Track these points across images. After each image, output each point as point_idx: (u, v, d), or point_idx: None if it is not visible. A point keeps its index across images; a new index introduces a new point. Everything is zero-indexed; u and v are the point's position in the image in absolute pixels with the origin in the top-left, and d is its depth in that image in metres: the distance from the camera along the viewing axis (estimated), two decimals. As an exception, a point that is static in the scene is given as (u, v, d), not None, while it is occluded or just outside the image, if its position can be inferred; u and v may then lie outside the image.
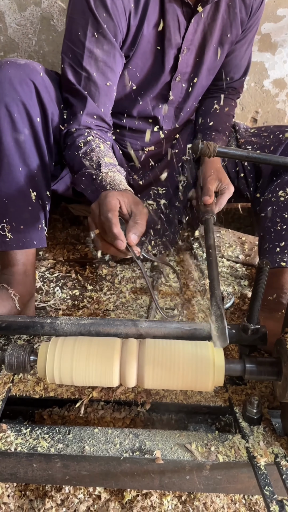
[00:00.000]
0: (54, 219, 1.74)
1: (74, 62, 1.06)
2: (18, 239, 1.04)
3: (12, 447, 0.75)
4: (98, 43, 1.04)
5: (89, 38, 1.03)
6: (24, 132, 1.01)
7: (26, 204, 1.04)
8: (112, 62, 1.08)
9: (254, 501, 0.90)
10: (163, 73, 1.19)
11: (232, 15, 1.18)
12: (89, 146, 1.04)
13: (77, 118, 1.09)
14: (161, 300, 1.26)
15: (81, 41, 1.04)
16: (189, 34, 1.14)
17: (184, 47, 1.16)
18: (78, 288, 1.31)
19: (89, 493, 0.88)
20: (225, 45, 1.23)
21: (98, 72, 1.07)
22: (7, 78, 0.97)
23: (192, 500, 0.88)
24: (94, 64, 1.06)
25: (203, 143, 0.68)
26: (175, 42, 1.14)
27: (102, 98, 1.11)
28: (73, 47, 1.05)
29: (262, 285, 0.76)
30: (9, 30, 1.68)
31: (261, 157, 0.68)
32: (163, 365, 0.75)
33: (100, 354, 0.76)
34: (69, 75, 1.07)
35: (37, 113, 1.02)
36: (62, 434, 0.77)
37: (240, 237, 1.59)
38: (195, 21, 1.13)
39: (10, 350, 0.78)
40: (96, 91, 1.09)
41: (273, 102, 1.90)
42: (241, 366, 0.78)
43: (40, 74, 1.02)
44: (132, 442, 0.77)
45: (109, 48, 1.06)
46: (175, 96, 1.25)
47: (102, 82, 1.08)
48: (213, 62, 1.26)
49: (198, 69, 1.23)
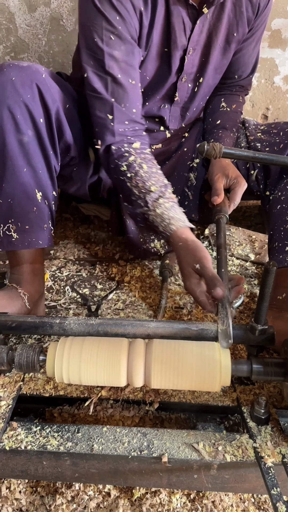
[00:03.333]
0: (64, 218, 1.75)
1: (96, 68, 1.06)
2: (24, 239, 1.06)
3: (23, 445, 0.76)
4: (116, 45, 1.04)
5: (106, 42, 1.04)
6: (27, 133, 1.02)
7: (31, 204, 1.06)
8: (133, 60, 1.09)
9: (263, 500, 0.90)
10: (170, 75, 1.19)
11: (239, 14, 1.17)
12: (132, 169, 1.07)
13: (109, 129, 1.09)
14: (170, 299, 1.26)
15: (99, 46, 1.04)
16: (195, 35, 1.14)
17: (190, 48, 1.16)
18: (88, 288, 1.33)
19: (99, 490, 0.89)
20: (232, 44, 1.23)
21: (121, 73, 1.07)
22: (10, 80, 0.99)
23: (201, 498, 0.89)
24: (116, 66, 1.06)
25: (208, 145, 0.68)
26: (181, 44, 1.14)
27: (131, 98, 1.10)
28: (92, 54, 1.06)
29: (269, 286, 0.76)
30: (19, 31, 1.69)
31: (267, 158, 0.67)
32: (170, 366, 0.76)
33: (108, 355, 0.77)
34: (94, 82, 1.07)
35: (41, 114, 1.03)
36: (72, 433, 0.79)
37: (250, 235, 1.58)
38: (200, 22, 1.13)
39: (20, 350, 0.80)
40: (124, 92, 1.08)
41: (284, 99, 1.88)
42: (248, 366, 0.78)
43: (43, 76, 1.03)
44: (140, 441, 0.78)
45: (127, 47, 1.06)
46: (181, 96, 1.25)
47: (127, 82, 1.08)
48: (219, 61, 1.25)
49: (204, 69, 1.23)
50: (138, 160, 1.08)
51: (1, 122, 0.99)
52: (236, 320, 1.18)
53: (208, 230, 1.59)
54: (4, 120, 0.99)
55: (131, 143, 1.11)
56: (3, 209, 1.04)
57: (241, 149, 0.78)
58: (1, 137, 1.00)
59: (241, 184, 1.22)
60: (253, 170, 1.34)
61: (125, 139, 1.10)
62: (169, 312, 1.20)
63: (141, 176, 1.05)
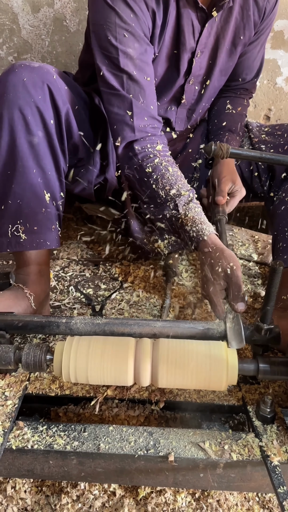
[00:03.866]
0: (68, 218, 1.75)
1: (111, 67, 1.06)
2: (32, 240, 1.06)
3: (29, 444, 0.76)
4: (130, 42, 1.05)
5: (119, 40, 1.03)
6: (38, 135, 1.02)
7: (40, 205, 1.06)
8: (147, 58, 1.09)
9: (268, 498, 0.91)
10: (178, 77, 1.19)
11: (246, 17, 1.18)
12: (158, 171, 1.06)
13: (129, 126, 1.08)
14: (174, 299, 1.27)
15: (113, 44, 1.04)
16: (203, 38, 1.15)
17: (198, 50, 1.16)
18: (92, 287, 1.33)
19: (104, 490, 0.90)
20: (238, 46, 1.23)
21: (137, 70, 1.07)
22: (21, 81, 0.99)
23: (206, 497, 0.89)
24: (131, 63, 1.06)
25: (216, 145, 0.68)
26: (189, 46, 1.15)
27: (148, 94, 1.10)
28: (107, 53, 1.06)
29: (275, 285, 0.76)
30: (22, 31, 1.69)
31: (274, 158, 0.68)
32: (177, 365, 0.76)
33: (115, 354, 0.77)
34: (111, 80, 1.07)
35: (51, 115, 1.03)
36: (78, 432, 0.79)
37: (253, 235, 1.58)
38: (209, 25, 1.13)
39: (27, 350, 0.80)
40: (140, 89, 1.08)
41: (286, 100, 1.88)
42: (255, 366, 0.79)
43: (53, 77, 1.03)
44: (147, 440, 0.78)
45: (141, 45, 1.06)
46: (188, 98, 1.26)
47: (143, 79, 1.08)
48: (225, 64, 1.26)
49: (211, 72, 1.24)
50: (163, 162, 1.08)
51: (12, 123, 0.99)
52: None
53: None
54: (15, 121, 0.99)
55: (153, 144, 1.10)
56: (12, 209, 1.04)
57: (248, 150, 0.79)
58: (12, 138, 1.00)
59: (241, 194, 1.25)
60: (257, 171, 1.35)
61: (146, 136, 1.10)
62: (173, 312, 1.21)
63: (168, 179, 1.05)
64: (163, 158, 1.09)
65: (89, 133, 1.19)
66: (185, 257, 1.50)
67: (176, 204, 1.03)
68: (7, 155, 1.02)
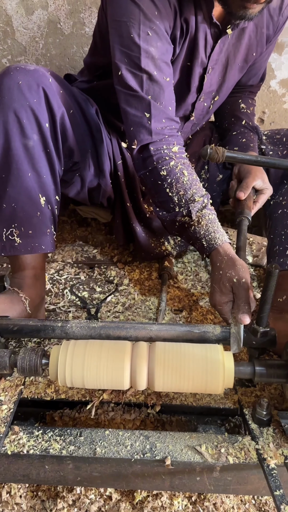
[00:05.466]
0: (62, 221, 1.75)
1: (131, 66, 1.03)
2: (27, 243, 1.05)
3: (25, 449, 0.76)
4: (152, 41, 1.02)
5: (143, 38, 1.00)
6: (33, 138, 1.02)
7: (35, 209, 1.05)
8: (167, 58, 1.07)
9: (264, 501, 0.91)
10: (189, 93, 1.19)
11: (259, 35, 1.18)
12: (173, 175, 1.04)
13: (146, 128, 1.06)
14: (169, 302, 1.27)
15: (136, 43, 1.01)
16: (215, 54, 1.15)
17: (209, 67, 1.16)
18: (87, 290, 1.33)
19: (100, 494, 0.89)
20: (249, 62, 1.25)
21: (157, 70, 1.04)
22: (16, 84, 0.98)
23: (202, 500, 0.89)
24: (152, 63, 1.03)
25: (211, 148, 0.68)
26: (202, 61, 1.14)
27: (167, 95, 1.07)
28: (127, 52, 1.02)
29: (271, 288, 0.77)
30: (16, 33, 1.69)
31: (270, 161, 0.68)
32: (173, 368, 0.76)
33: (111, 358, 0.77)
34: (129, 80, 1.03)
35: (46, 119, 1.03)
36: (74, 436, 0.78)
37: (248, 237, 1.59)
38: (221, 41, 1.13)
39: (22, 354, 0.79)
40: (160, 89, 1.05)
41: (280, 102, 1.89)
42: (251, 368, 0.79)
43: (49, 80, 1.02)
44: (143, 444, 0.78)
45: (163, 44, 1.04)
46: (197, 115, 1.27)
47: (163, 79, 1.05)
48: (236, 79, 1.28)
49: (221, 88, 1.25)
50: (179, 165, 1.05)
51: (7, 126, 0.99)
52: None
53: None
54: (10, 124, 0.99)
55: (169, 145, 1.08)
56: (6, 213, 1.03)
57: (243, 153, 0.79)
58: (7, 141, 1.00)
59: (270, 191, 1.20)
60: None
61: (163, 139, 1.07)
62: (169, 315, 1.21)
63: (182, 183, 1.03)
64: (179, 160, 1.06)
65: (84, 137, 1.19)
66: (180, 260, 1.50)
67: (190, 210, 1.01)
68: (2, 158, 1.01)
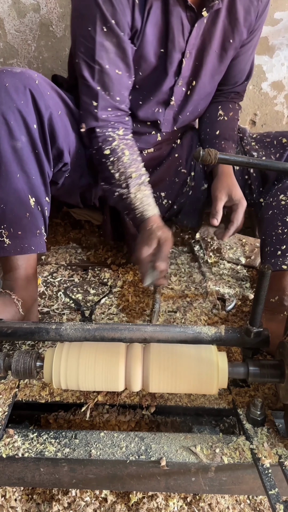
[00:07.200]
0: (55, 223, 1.75)
1: (87, 56, 1.09)
2: (16, 244, 1.06)
3: (20, 452, 0.76)
4: (108, 36, 1.07)
5: (98, 32, 1.06)
6: (21, 140, 1.02)
7: (24, 210, 1.06)
8: (123, 53, 1.11)
9: (259, 501, 0.91)
10: (167, 77, 1.20)
11: (233, 21, 1.18)
12: (115, 154, 1.15)
13: (93, 115, 1.15)
14: (163, 303, 1.27)
15: (92, 35, 1.06)
16: (192, 38, 1.16)
17: (187, 51, 1.17)
18: (81, 293, 1.33)
19: (96, 496, 0.89)
20: (229, 51, 1.24)
21: (110, 64, 1.10)
22: (3, 86, 0.99)
23: (198, 501, 0.89)
24: (106, 57, 1.09)
25: (204, 150, 0.69)
26: (179, 46, 1.15)
27: (117, 87, 1.14)
28: (85, 42, 1.08)
29: (264, 289, 0.77)
30: (8, 36, 1.69)
31: (262, 163, 0.69)
32: (167, 369, 0.76)
33: (105, 359, 0.77)
34: (84, 70, 1.11)
35: (34, 120, 1.03)
36: (69, 439, 0.78)
37: (240, 239, 1.60)
38: (198, 25, 1.14)
39: (17, 357, 0.79)
40: (110, 81, 1.12)
41: (271, 104, 1.91)
42: (245, 369, 0.79)
43: (36, 82, 1.03)
44: (138, 445, 0.78)
45: (118, 40, 1.08)
46: (176, 100, 1.26)
47: (114, 73, 1.11)
48: (216, 68, 1.26)
49: (197, 73, 1.24)
50: (121, 145, 1.15)
51: None
52: (229, 323, 1.19)
53: (199, 234, 1.61)
54: None
55: (115, 129, 1.17)
56: None
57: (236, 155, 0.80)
58: None
59: (243, 205, 1.22)
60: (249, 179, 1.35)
61: (108, 124, 1.16)
62: (163, 316, 1.21)
63: (123, 162, 1.14)
64: (122, 141, 1.17)
65: (73, 137, 1.19)
66: (174, 261, 1.50)
67: (128, 184, 1.13)
68: None
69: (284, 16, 1.69)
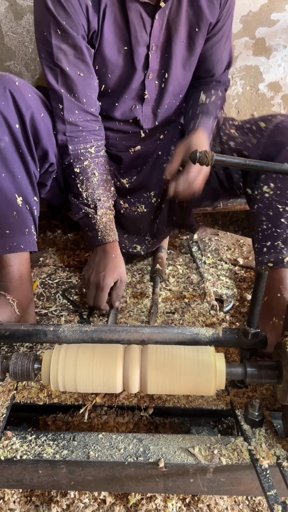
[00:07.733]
0: (53, 225, 1.75)
1: (48, 61, 1.13)
2: (4, 243, 1.07)
3: (18, 455, 0.76)
4: (63, 39, 1.09)
5: (54, 36, 1.08)
6: (4, 139, 1.04)
7: (11, 209, 1.07)
8: (81, 54, 1.12)
9: (257, 502, 0.91)
10: (136, 72, 1.20)
11: (196, 9, 1.17)
12: (85, 174, 1.21)
13: (60, 118, 1.17)
14: (161, 304, 1.27)
15: (48, 40, 1.09)
16: (155, 31, 1.15)
17: (152, 44, 1.17)
18: (79, 294, 1.33)
19: (94, 498, 0.89)
20: (197, 39, 1.22)
21: (69, 66, 1.12)
22: None
23: (196, 502, 0.89)
24: (65, 59, 1.11)
25: (200, 152, 0.69)
26: (143, 40, 1.15)
27: (81, 89, 1.16)
28: (44, 47, 1.12)
29: (261, 290, 0.77)
30: (5, 38, 1.69)
31: (258, 165, 0.69)
32: (165, 371, 0.76)
33: (103, 361, 0.77)
34: (48, 75, 1.14)
35: (16, 120, 1.05)
36: (67, 440, 0.78)
37: (238, 239, 1.60)
38: (159, 17, 1.13)
39: (14, 359, 0.79)
40: (72, 83, 1.15)
41: (268, 105, 1.91)
42: (242, 370, 0.79)
43: (16, 83, 1.05)
44: (136, 446, 0.78)
45: (74, 42, 1.10)
46: (150, 94, 1.25)
47: (75, 74, 1.14)
48: (186, 58, 1.24)
49: (168, 65, 1.23)
50: (92, 165, 1.21)
51: None
52: (227, 324, 1.20)
53: (197, 235, 1.61)
54: None
55: (87, 144, 1.21)
56: None
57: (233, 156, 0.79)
58: None
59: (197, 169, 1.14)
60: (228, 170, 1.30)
61: (79, 134, 1.20)
62: (161, 317, 1.21)
63: (92, 183, 1.21)
64: (93, 160, 1.22)
65: None
66: (172, 262, 1.50)
67: (96, 206, 1.21)
68: None
69: (281, 17, 1.69)
